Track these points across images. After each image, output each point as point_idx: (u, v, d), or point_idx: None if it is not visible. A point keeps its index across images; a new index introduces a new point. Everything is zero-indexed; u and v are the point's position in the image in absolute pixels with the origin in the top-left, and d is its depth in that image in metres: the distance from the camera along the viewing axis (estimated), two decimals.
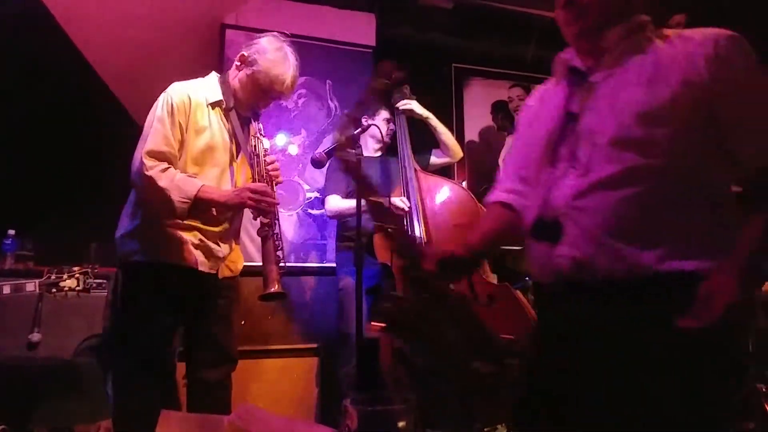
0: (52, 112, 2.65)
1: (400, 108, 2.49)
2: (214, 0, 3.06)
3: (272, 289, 1.65)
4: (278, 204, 1.75)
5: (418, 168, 2.40)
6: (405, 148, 2.40)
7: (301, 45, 3.27)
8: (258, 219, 1.74)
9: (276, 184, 1.82)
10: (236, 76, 1.79)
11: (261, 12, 3.20)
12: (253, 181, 1.76)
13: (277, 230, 1.72)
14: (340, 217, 2.49)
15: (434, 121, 2.53)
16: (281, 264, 1.69)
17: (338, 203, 2.44)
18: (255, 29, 3.37)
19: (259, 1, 3.24)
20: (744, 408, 2.08)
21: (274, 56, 1.73)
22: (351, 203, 2.37)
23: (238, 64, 1.78)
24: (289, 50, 1.79)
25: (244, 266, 1.94)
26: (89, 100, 2.81)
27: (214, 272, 1.75)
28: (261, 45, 1.76)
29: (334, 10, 3.36)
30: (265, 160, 1.78)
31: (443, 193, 2.29)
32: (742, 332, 0.96)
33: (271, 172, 1.78)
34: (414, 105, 2.51)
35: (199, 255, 1.70)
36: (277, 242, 1.70)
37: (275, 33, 1.82)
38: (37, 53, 2.43)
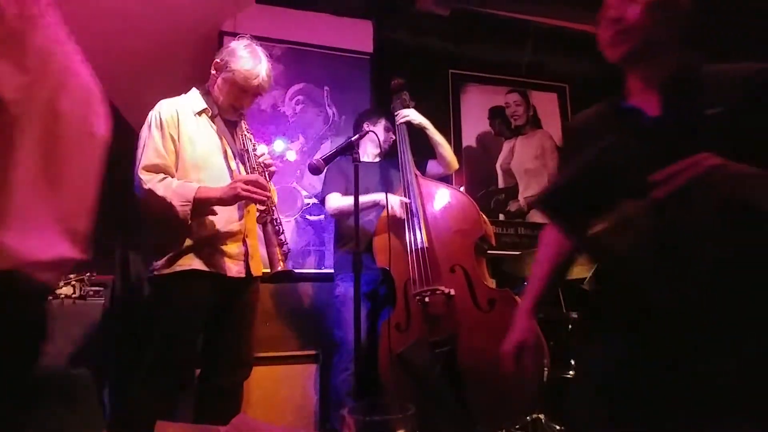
0: None
1: (398, 122, 2.47)
2: (211, 7, 3.07)
3: (278, 268, 1.68)
4: (270, 194, 1.78)
5: (418, 173, 2.39)
6: (405, 153, 2.38)
7: (299, 51, 3.31)
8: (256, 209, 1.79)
9: (271, 175, 1.87)
10: (214, 83, 1.86)
11: (259, 19, 3.22)
12: (247, 174, 1.81)
13: (275, 216, 1.75)
14: (340, 215, 2.47)
15: (432, 131, 2.51)
16: (284, 247, 1.71)
17: (338, 201, 2.40)
18: (253, 36, 3.39)
19: (256, 8, 3.25)
20: None
21: (243, 53, 1.81)
22: (351, 200, 2.37)
23: (214, 72, 1.86)
24: (258, 48, 1.86)
25: None
26: None
27: (243, 276, 1.79)
28: (230, 48, 1.85)
29: (331, 17, 3.38)
30: (255, 153, 1.83)
31: (444, 198, 2.26)
32: None
33: (263, 162, 1.83)
34: (411, 114, 2.48)
35: (227, 261, 1.75)
36: (276, 227, 1.73)
37: (242, 36, 1.91)
38: None
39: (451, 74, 3.82)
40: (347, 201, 2.36)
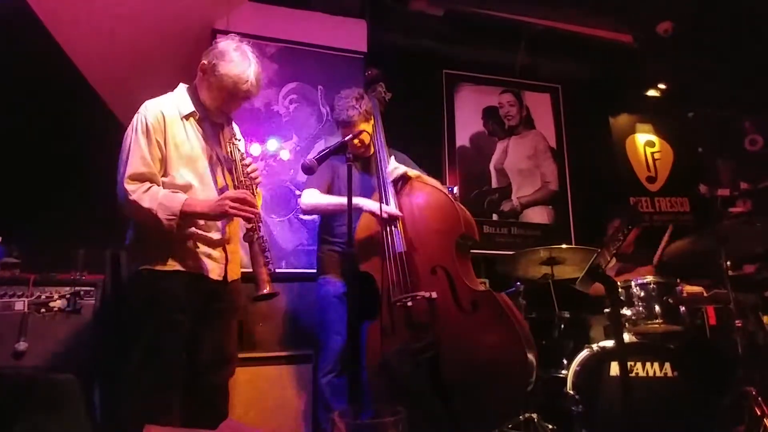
0: (39, 117, 2.61)
1: (392, 177, 2.17)
2: (204, 5, 3.05)
3: (264, 291, 1.66)
4: (258, 212, 1.75)
5: None
6: (381, 151, 2.24)
7: (293, 50, 3.29)
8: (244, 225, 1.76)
9: (256, 186, 1.84)
10: (202, 86, 1.79)
11: (252, 17, 3.20)
12: (234, 186, 1.78)
13: (261, 233, 1.72)
14: (314, 213, 2.41)
15: (425, 178, 2.30)
16: (270, 266, 1.69)
17: (315, 198, 2.27)
18: (246, 34, 3.35)
19: (250, 6, 3.24)
20: (734, 411, 2.10)
21: (232, 56, 1.72)
22: (329, 199, 2.27)
23: (201, 74, 1.78)
24: (247, 49, 1.77)
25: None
26: (77, 105, 2.77)
27: (221, 279, 1.78)
28: (218, 49, 1.75)
29: (325, 16, 3.36)
30: (243, 164, 1.79)
31: (421, 198, 2.13)
32: None
33: (250, 175, 1.80)
34: (401, 169, 2.20)
35: (208, 262, 1.74)
36: (263, 245, 1.70)
37: (232, 35, 1.83)
38: (23, 57, 2.39)
39: (444, 74, 3.82)
40: (324, 199, 2.27)
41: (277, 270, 2.84)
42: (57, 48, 2.49)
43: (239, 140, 1.86)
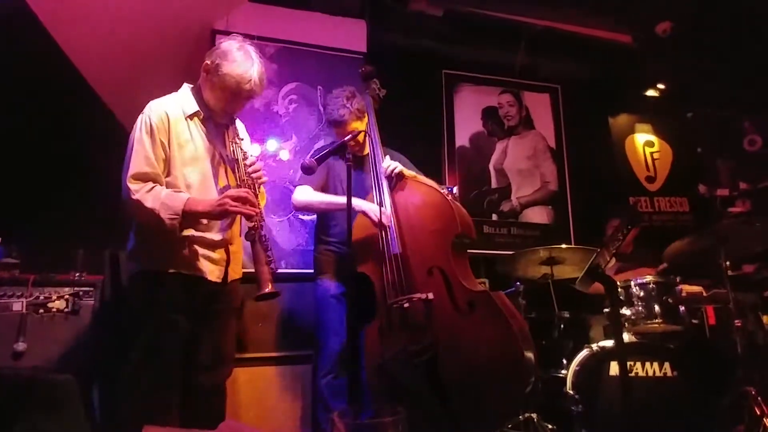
0: (39, 117, 2.61)
1: (386, 174, 2.13)
2: (204, 5, 3.05)
3: (266, 290, 1.66)
4: (260, 210, 1.75)
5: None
6: (376, 150, 2.19)
7: (292, 51, 3.29)
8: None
9: (260, 186, 1.84)
10: (205, 86, 1.80)
11: (251, 18, 3.20)
12: (237, 186, 1.78)
13: (264, 232, 1.72)
14: (307, 210, 2.39)
15: (422, 178, 2.29)
16: (272, 264, 1.69)
17: (308, 195, 2.25)
18: (245, 35, 3.36)
19: (249, 7, 3.24)
20: (734, 411, 2.10)
21: (235, 56, 1.73)
22: (322, 197, 2.26)
23: (204, 74, 1.79)
24: (250, 48, 1.78)
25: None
26: (77, 105, 2.77)
27: (220, 281, 1.78)
28: (221, 49, 1.76)
29: (325, 17, 3.37)
30: (245, 164, 1.79)
31: (417, 198, 2.10)
32: None
33: (252, 175, 1.80)
34: (399, 167, 2.16)
35: (208, 265, 1.75)
36: (265, 243, 1.70)
37: (235, 35, 1.83)
38: (23, 57, 2.39)
39: (444, 74, 3.82)
40: (317, 197, 2.26)
41: (277, 270, 2.85)
42: (56, 48, 2.49)
43: (242, 139, 1.85)
